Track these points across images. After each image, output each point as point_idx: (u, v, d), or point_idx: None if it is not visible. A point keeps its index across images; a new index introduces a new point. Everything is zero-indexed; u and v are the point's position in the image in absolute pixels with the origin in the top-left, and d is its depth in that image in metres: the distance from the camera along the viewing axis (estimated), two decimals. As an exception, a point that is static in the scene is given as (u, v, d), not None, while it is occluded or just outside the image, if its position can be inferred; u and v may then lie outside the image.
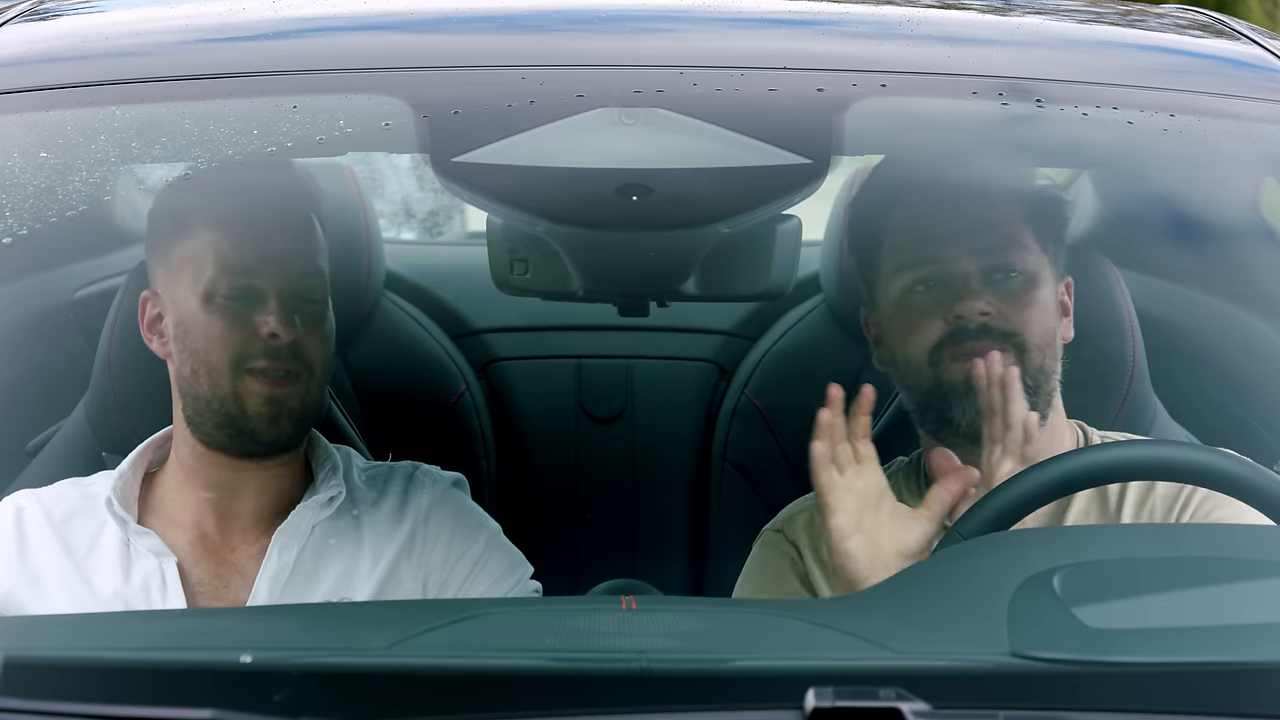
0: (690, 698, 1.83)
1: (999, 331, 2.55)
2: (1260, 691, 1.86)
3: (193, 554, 2.58)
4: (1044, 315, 2.58)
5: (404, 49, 2.61)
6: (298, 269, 2.57)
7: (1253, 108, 2.55)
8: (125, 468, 2.61)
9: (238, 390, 2.54)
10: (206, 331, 2.54)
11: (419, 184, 4.96)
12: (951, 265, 2.57)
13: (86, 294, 3.36)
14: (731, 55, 2.54)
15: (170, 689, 1.83)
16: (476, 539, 2.63)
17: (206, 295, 2.54)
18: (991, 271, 2.57)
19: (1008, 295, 2.56)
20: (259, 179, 2.64)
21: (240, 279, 2.54)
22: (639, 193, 2.45)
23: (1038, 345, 2.57)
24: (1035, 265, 2.58)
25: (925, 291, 2.58)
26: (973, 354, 2.55)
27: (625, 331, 3.73)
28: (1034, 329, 2.56)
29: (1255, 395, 3.07)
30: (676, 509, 3.66)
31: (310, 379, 2.56)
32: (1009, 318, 2.56)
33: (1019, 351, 2.55)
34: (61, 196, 2.51)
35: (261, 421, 2.54)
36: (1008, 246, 2.58)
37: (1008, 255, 2.58)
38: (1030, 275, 2.58)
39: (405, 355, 3.63)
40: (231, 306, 2.54)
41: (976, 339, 2.55)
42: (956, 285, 2.56)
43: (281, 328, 2.53)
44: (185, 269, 2.56)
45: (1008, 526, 2.32)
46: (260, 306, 2.54)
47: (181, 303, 2.56)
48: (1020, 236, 2.58)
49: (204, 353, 2.54)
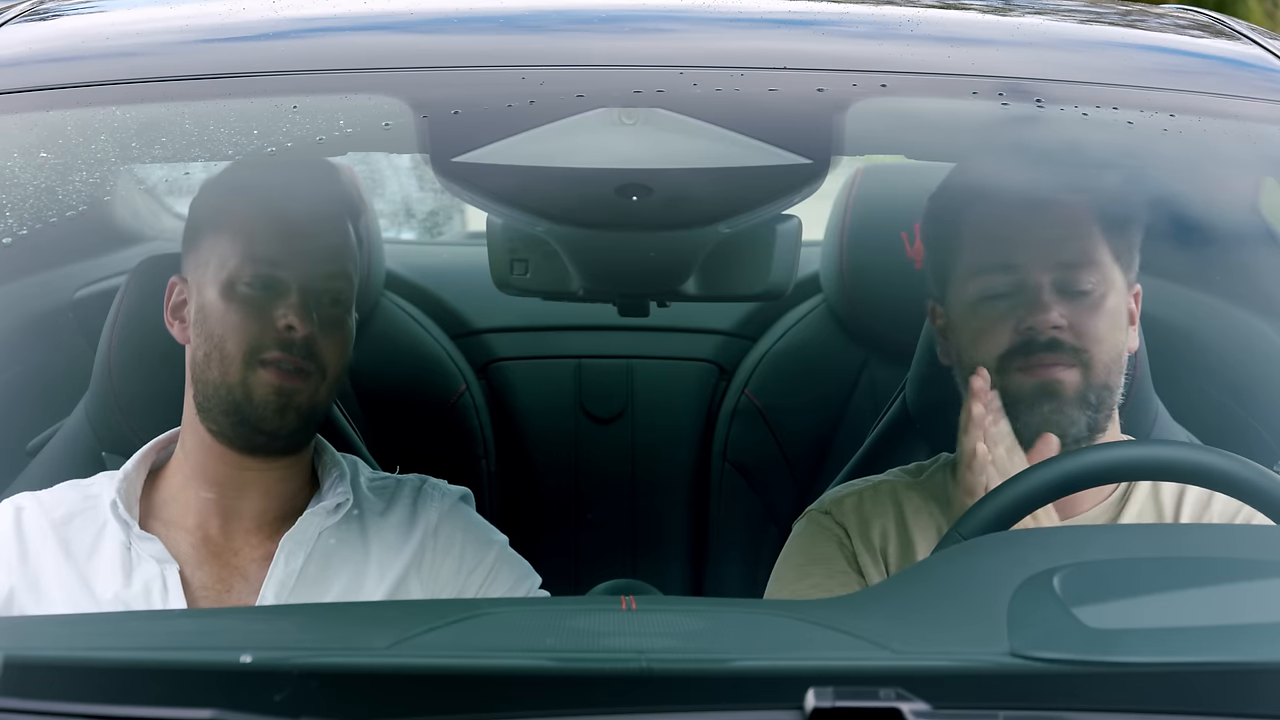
0: (690, 698, 1.83)
1: (1069, 346, 2.55)
2: (1260, 691, 1.86)
3: (195, 557, 2.58)
4: (1114, 330, 2.58)
5: (404, 49, 2.61)
6: (324, 269, 2.56)
7: (1253, 108, 2.55)
8: (129, 469, 2.61)
9: (247, 380, 2.53)
10: (225, 318, 2.54)
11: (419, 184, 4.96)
12: (1027, 275, 2.57)
13: (86, 294, 3.36)
14: (731, 55, 2.54)
15: (170, 689, 1.83)
16: (486, 553, 2.63)
17: (230, 281, 2.54)
18: (1066, 284, 2.56)
19: (1080, 309, 2.56)
20: (303, 179, 2.65)
21: (264, 268, 2.54)
22: (639, 193, 2.45)
23: (1104, 362, 2.56)
24: (1109, 279, 2.58)
25: (999, 299, 2.58)
26: (1041, 366, 2.55)
27: (625, 331, 3.73)
28: (1103, 345, 2.56)
29: (1256, 395, 3.08)
30: (676, 509, 3.66)
31: (321, 380, 2.56)
32: (1080, 332, 2.56)
33: (1085, 368, 2.55)
34: (61, 196, 2.51)
35: (267, 411, 2.54)
36: (1083, 259, 2.57)
37: (1083, 268, 2.57)
38: (1104, 289, 2.57)
39: (405, 355, 3.63)
40: (253, 295, 2.54)
41: (1047, 351, 2.55)
42: (1030, 296, 2.56)
43: (299, 321, 2.52)
44: (213, 256, 2.56)
45: (1008, 526, 2.32)
46: (281, 298, 2.54)
47: (205, 288, 2.56)
48: (1096, 249, 2.58)
49: (219, 339, 2.54)
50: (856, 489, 2.67)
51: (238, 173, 2.63)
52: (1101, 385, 2.56)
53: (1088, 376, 2.55)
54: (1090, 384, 2.55)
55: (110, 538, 2.56)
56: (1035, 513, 2.39)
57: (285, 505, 2.61)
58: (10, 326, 3.20)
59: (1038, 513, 2.40)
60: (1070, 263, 2.57)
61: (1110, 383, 2.57)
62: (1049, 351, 2.55)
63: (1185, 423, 2.90)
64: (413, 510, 2.63)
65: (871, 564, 2.60)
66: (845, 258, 3.49)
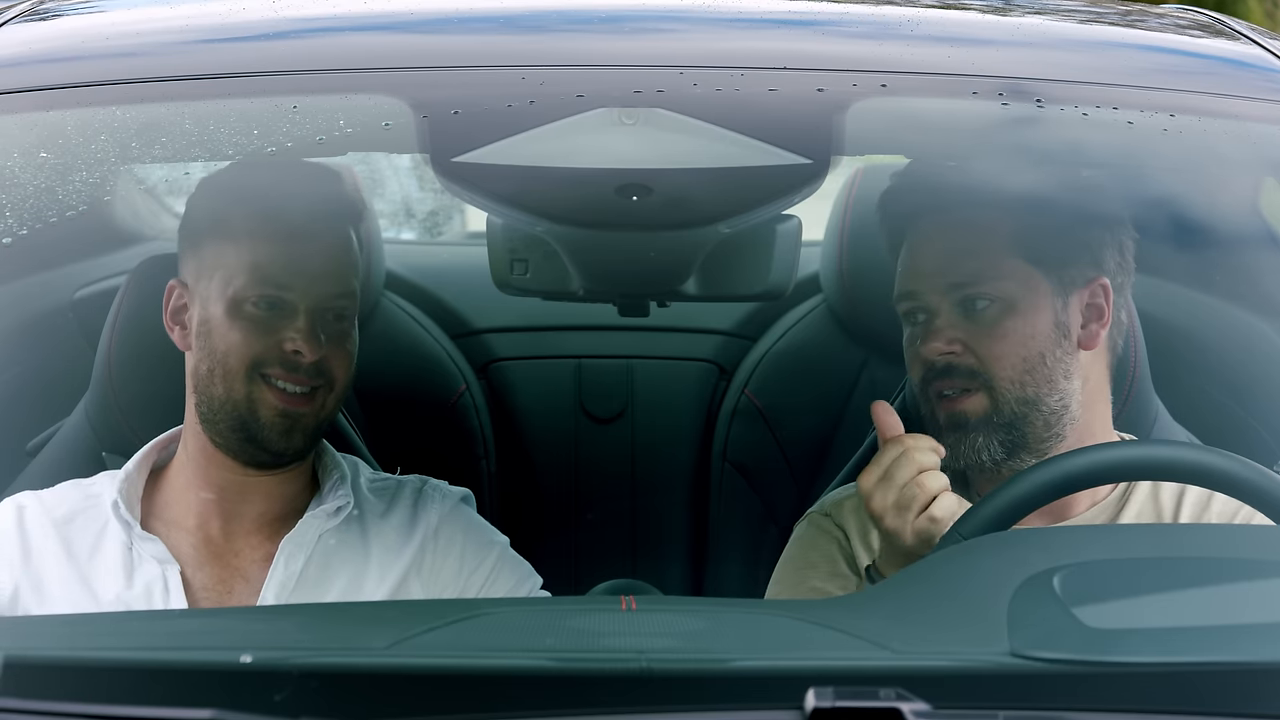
0: (690, 698, 1.83)
1: (964, 369, 2.53)
2: (1260, 691, 1.86)
3: (196, 557, 2.58)
4: (1022, 344, 2.53)
5: (404, 49, 2.61)
6: (331, 289, 2.55)
7: (1253, 108, 2.55)
8: (131, 469, 2.61)
9: (251, 397, 2.53)
10: (229, 335, 2.53)
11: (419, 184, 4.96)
12: (926, 299, 2.56)
13: (86, 294, 3.36)
14: (731, 55, 2.54)
15: (170, 689, 1.83)
16: (487, 554, 2.63)
17: (236, 300, 2.53)
18: (964, 303, 2.54)
19: (978, 328, 2.53)
20: (304, 185, 2.64)
21: (271, 289, 2.52)
22: (639, 193, 2.45)
23: (1009, 378, 2.52)
24: (1013, 290, 2.53)
25: (911, 325, 2.59)
26: (941, 395, 2.54)
27: (625, 331, 3.73)
28: (1004, 362, 2.52)
29: (1256, 395, 3.07)
30: (676, 509, 3.66)
31: (329, 394, 2.56)
32: (978, 352, 2.53)
33: (988, 389, 2.52)
34: (61, 196, 2.51)
35: (274, 433, 2.54)
36: (982, 275, 2.54)
37: (980, 284, 2.53)
38: (1006, 303, 2.53)
39: (405, 355, 3.63)
40: (259, 315, 2.53)
41: (944, 378, 2.54)
42: (928, 321, 2.56)
43: (306, 346, 2.52)
44: (218, 270, 2.55)
45: (1007, 526, 2.32)
46: (288, 321, 2.53)
47: (210, 302, 2.55)
48: (998, 262, 2.54)
49: (223, 355, 2.53)
50: (855, 492, 2.67)
51: (239, 176, 2.62)
52: (1016, 401, 2.52)
53: (993, 396, 2.52)
54: (999, 404, 2.52)
55: (112, 538, 2.56)
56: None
57: (286, 507, 2.61)
58: (10, 326, 3.20)
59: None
60: (966, 279, 2.54)
61: (1027, 395, 2.53)
62: (945, 379, 2.54)
63: (1185, 423, 2.90)
64: (413, 512, 2.63)
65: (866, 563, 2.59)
66: (845, 258, 3.49)
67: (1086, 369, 2.57)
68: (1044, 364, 2.54)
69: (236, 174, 2.62)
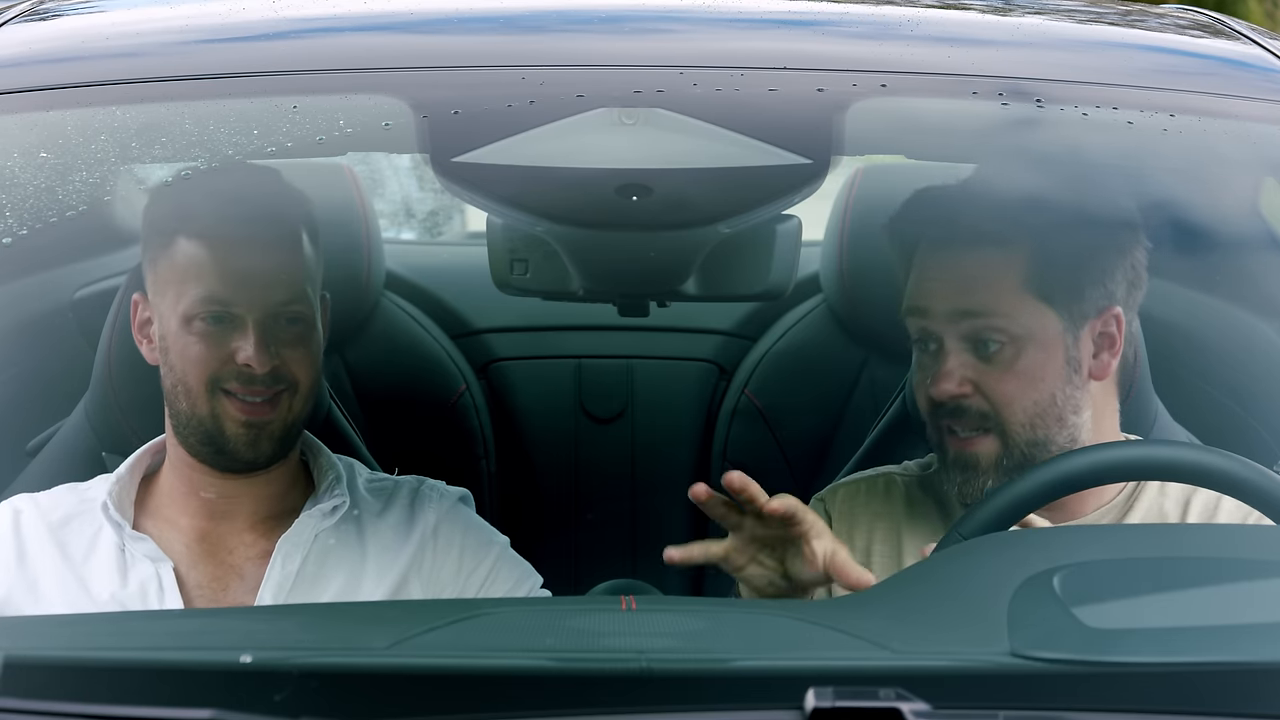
0: (690, 698, 1.83)
1: (975, 412, 2.47)
2: (1260, 691, 1.86)
3: (190, 557, 2.58)
4: (1032, 385, 2.47)
5: (404, 49, 2.61)
6: (280, 296, 2.53)
7: (1253, 108, 2.55)
8: (123, 471, 2.61)
9: (215, 412, 2.53)
10: (185, 352, 2.53)
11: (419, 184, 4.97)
12: (935, 328, 2.49)
13: (86, 294, 3.36)
14: (731, 55, 2.54)
15: (170, 689, 1.83)
16: (486, 554, 2.62)
17: (185, 317, 2.52)
18: (973, 338, 2.48)
19: (990, 368, 2.47)
20: (246, 193, 2.62)
21: (217, 305, 2.51)
22: (639, 193, 2.45)
23: (1022, 422, 2.47)
24: (1026, 328, 2.47)
25: (921, 351, 2.52)
26: (951, 434, 2.49)
27: (625, 331, 3.73)
28: (1016, 405, 2.47)
29: (1256, 396, 3.07)
30: (676, 509, 3.66)
31: (294, 396, 2.54)
32: (988, 393, 2.47)
33: (999, 433, 2.47)
34: (61, 196, 2.50)
35: (241, 443, 2.54)
36: (993, 310, 2.47)
37: (991, 319, 2.47)
38: (1017, 342, 2.47)
39: (405, 355, 3.63)
40: (209, 330, 2.52)
41: (954, 418, 2.49)
42: (938, 352, 2.49)
43: (256, 357, 2.50)
44: (169, 286, 2.54)
45: (1007, 526, 2.32)
46: (237, 332, 2.52)
47: (165, 318, 2.55)
48: (1010, 299, 2.48)
49: (182, 372, 2.54)
50: (857, 480, 2.66)
51: (186, 187, 2.59)
52: (1026, 444, 2.47)
53: (1004, 440, 2.47)
54: (1009, 447, 2.47)
55: (106, 539, 2.56)
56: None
57: (278, 506, 2.61)
58: (10, 326, 3.20)
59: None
60: (975, 319, 2.47)
61: (1037, 438, 2.48)
62: (955, 418, 2.49)
63: (1185, 423, 2.90)
64: (410, 512, 2.63)
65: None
66: (845, 258, 3.49)
67: (1096, 397, 2.53)
68: (1055, 404, 2.49)
69: (183, 185, 2.61)
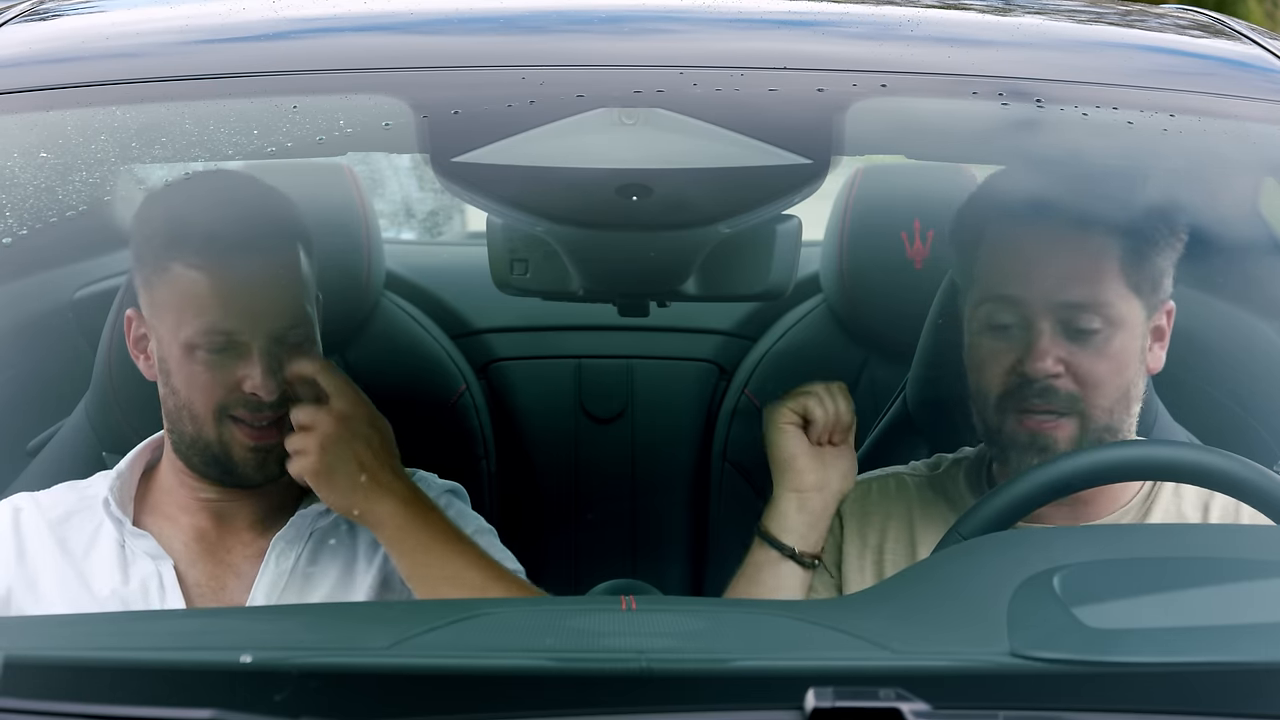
0: (690, 698, 1.83)
1: (1064, 395, 2.46)
2: (1260, 691, 1.86)
3: (189, 554, 2.58)
4: (1120, 371, 2.48)
5: (404, 49, 2.61)
6: (284, 322, 2.52)
7: (1253, 108, 2.55)
8: (123, 467, 2.61)
9: (223, 436, 2.52)
10: (190, 379, 2.51)
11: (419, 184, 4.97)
12: (1028, 311, 2.48)
13: (86, 294, 3.36)
14: (731, 55, 2.54)
15: (170, 689, 1.83)
16: None
17: (188, 345, 2.50)
18: (1069, 323, 2.47)
19: (1083, 351, 2.47)
20: (240, 211, 2.60)
21: (220, 334, 2.49)
22: (639, 193, 2.45)
23: (1104, 407, 2.47)
24: (1120, 314, 2.48)
25: (1001, 334, 2.50)
26: (1033, 415, 2.47)
27: (625, 331, 3.73)
28: (1105, 389, 2.47)
29: (1255, 395, 3.07)
30: (676, 509, 3.66)
31: None
32: (1080, 377, 2.46)
33: (1081, 416, 2.46)
34: (61, 196, 2.50)
35: (250, 467, 2.53)
36: (1092, 296, 2.47)
37: (1090, 306, 2.47)
38: (1112, 326, 2.48)
39: (405, 355, 3.62)
40: (213, 360, 2.50)
41: (1041, 398, 2.47)
42: (1030, 336, 2.47)
43: (263, 385, 2.49)
44: (168, 312, 2.52)
45: (1007, 526, 2.32)
46: (243, 359, 2.50)
47: (165, 342, 2.53)
48: (1108, 283, 2.48)
49: (187, 398, 2.52)
50: (867, 480, 2.66)
51: (176, 204, 2.57)
52: (1103, 428, 2.47)
53: (1084, 424, 2.47)
54: (1086, 431, 2.47)
55: (106, 536, 2.56)
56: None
57: (275, 504, 2.61)
58: (10, 326, 3.20)
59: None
60: (1076, 303, 2.47)
61: (1113, 423, 2.48)
62: (1041, 399, 2.47)
63: (1185, 423, 2.90)
64: None
65: (856, 557, 2.58)
66: (845, 258, 3.49)
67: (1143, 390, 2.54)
68: (1130, 392, 2.50)
69: (174, 199, 2.58)
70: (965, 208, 2.62)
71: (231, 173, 2.61)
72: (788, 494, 2.53)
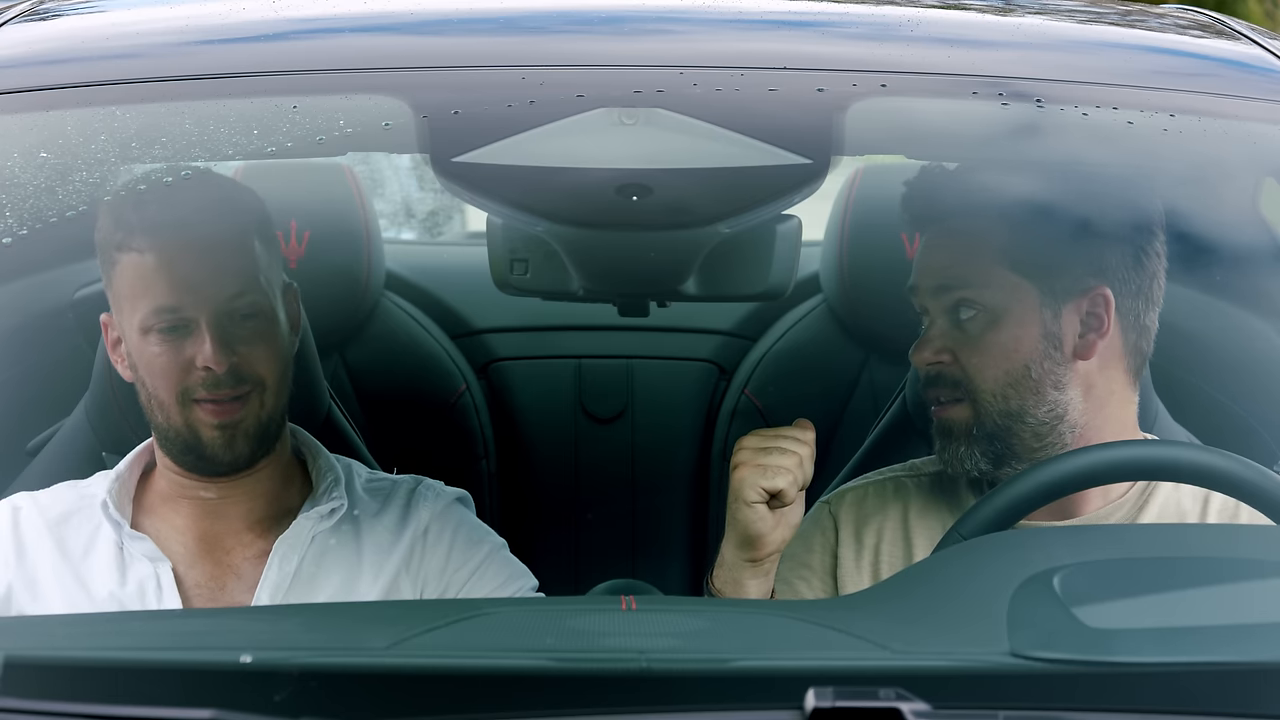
0: (690, 698, 1.83)
1: (950, 379, 2.52)
2: (1260, 691, 1.86)
3: (188, 556, 2.58)
4: (1007, 355, 2.50)
5: (404, 49, 2.61)
6: (228, 290, 2.52)
7: (1253, 108, 2.55)
8: (122, 469, 2.61)
9: (189, 420, 2.53)
10: (149, 366, 2.53)
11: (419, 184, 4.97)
12: (923, 298, 2.56)
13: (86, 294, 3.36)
14: (731, 55, 2.54)
15: (170, 689, 1.83)
16: (475, 553, 2.62)
17: (142, 330, 2.52)
18: (952, 310, 2.53)
19: (966, 337, 2.52)
20: (187, 199, 2.61)
21: (168, 313, 2.51)
22: (639, 193, 2.45)
23: (994, 391, 2.50)
24: (999, 301, 2.50)
25: (919, 323, 2.58)
26: (932, 403, 2.54)
27: (625, 331, 3.73)
28: (986, 374, 2.50)
29: (1255, 395, 3.07)
30: (676, 509, 3.67)
31: (263, 393, 2.54)
32: (964, 363, 2.51)
33: (971, 400, 2.51)
34: (61, 196, 2.50)
35: (218, 447, 2.54)
36: (968, 282, 2.52)
37: (965, 291, 2.52)
38: (991, 314, 2.51)
39: (405, 355, 3.63)
40: (165, 340, 2.52)
41: (933, 386, 2.54)
42: (926, 326, 2.56)
43: (215, 358, 2.50)
44: (124, 302, 2.55)
45: (1007, 526, 2.32)
46: (192, 337, 2.51)
47: (128, 335, 2.55)
48: (985, 271, 2.51)
49: (152, 386, 2.54)
50: (864, 483, 2.67)
51: (125, 202, 2.58)
52: (999, 414, 2.50)
53: (977, 409, 2.51)
54: (981, 416, 2.50)
55: (105, 537, 2.57)
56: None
57: (274, 506, 2.61)
58: (10, 326, 3.20)
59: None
60: (948, 285, 2.53)
61: (1010, 408, 2.50)
62: (934, 387, 2.54)
63: (1185, 423, 2.90)
64: (405, 512, 2.63)
65: (853, 560, 2.59)
66: (845, 258, 3.49)
67: (1088, 377, 2.53)
68: (1029, 376, 2.51)
69: (124, 198, 2.58)
70: (903, 202, 2.67)
71: (186, 166, 2.62)
72: (743, 564, 2.46)
